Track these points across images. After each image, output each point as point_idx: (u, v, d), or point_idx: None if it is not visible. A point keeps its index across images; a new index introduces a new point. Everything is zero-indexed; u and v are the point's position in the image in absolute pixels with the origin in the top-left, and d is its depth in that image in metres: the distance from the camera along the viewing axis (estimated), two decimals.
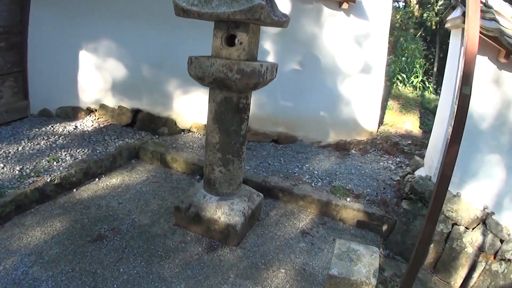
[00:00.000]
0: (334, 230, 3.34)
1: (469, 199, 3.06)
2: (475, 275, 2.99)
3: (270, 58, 4.51)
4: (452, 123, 2.41)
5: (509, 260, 2.86)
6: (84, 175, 3.46)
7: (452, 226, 3.11)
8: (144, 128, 4.66)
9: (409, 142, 4.97)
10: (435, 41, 11.69)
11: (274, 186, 3.71)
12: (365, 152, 4.76)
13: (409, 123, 6.40)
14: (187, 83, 4.56)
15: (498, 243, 2.92)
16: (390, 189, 3.78)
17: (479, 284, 3.01)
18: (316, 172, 4.10)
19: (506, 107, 2.79)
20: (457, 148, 2.49)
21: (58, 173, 3.28)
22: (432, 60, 11.34)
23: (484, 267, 2.95)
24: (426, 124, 6.30)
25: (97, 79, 4.77)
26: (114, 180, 3.63)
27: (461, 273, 3.07)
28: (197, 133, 4.80)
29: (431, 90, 7.55)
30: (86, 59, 4.71)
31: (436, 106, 7.66)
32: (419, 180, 3.26)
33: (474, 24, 2.34)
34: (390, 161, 4.48)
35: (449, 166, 2.51)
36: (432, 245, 3.17)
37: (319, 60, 4.62)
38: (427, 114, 6.90)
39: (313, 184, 3.83)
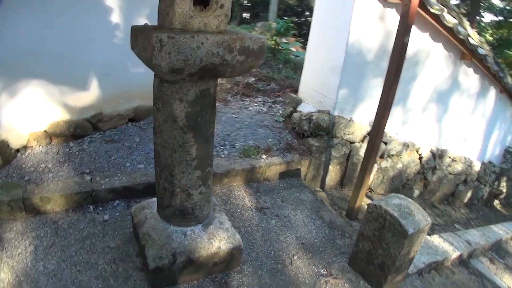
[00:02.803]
0: (271, 191, 3.29)
1: (359, 120, 3.70)
2: (371, 176, 3.83)
3: (115, 15, 3.14)
4: (394, 67, 2.73)
5: (393, 155, 3.81)
6: None
7: (350, 146, 3.72)
8: None
9: (253, 79, 5.12)
10: None
11: None
12: (226, 101, 4.57)
13: None
14: (14, 79, 2.68)
15: (383, 146, 3.80)
16: (284, 132, 3.93)
17: (375, 182, 3.91)
18: None
19: (387, 38, 3.35)
20: (396, 87, 2.88)
21: None
22: None
23: (377, 168, 3.81)
24: None
25: None
26: (3, 275, 1.88)
27: None
28: (39, 147, 2.97)
29: None
30: None
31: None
32: (323, 117, 3.56)
33: None
34: (256, 104, 4.54)
35: (389, 103, 2.91)
36: (338, 167, 3.72)
37: None
38: None
39: (222, 155, 3.44)
